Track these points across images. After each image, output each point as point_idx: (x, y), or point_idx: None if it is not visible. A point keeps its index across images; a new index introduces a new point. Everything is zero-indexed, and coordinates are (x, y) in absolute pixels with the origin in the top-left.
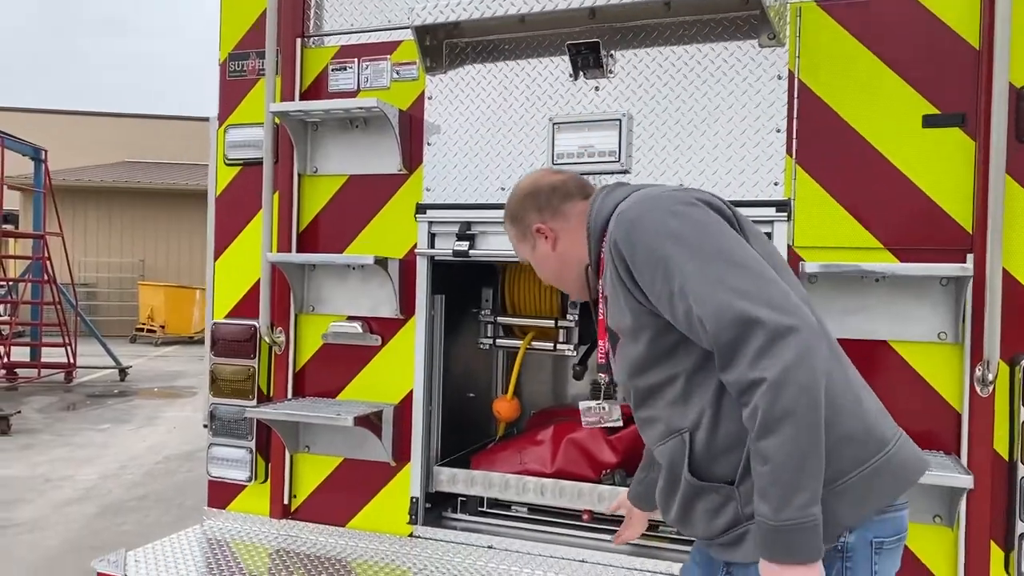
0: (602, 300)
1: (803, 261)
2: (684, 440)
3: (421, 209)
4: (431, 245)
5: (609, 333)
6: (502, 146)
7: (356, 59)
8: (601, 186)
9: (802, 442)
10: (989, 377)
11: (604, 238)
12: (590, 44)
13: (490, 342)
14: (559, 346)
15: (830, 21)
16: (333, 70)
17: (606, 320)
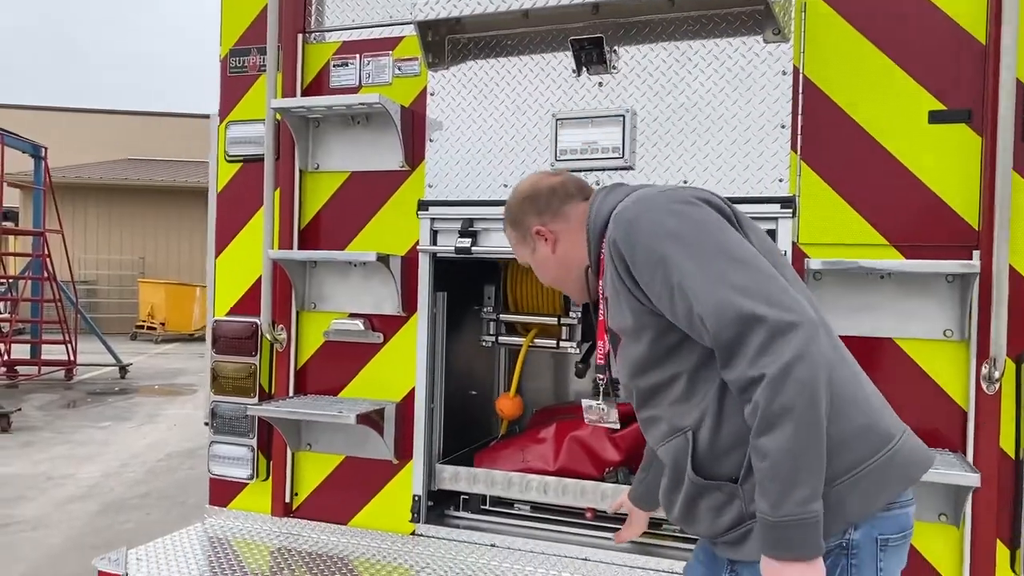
0: (602, 301)
1: (808, 258)
2: (687, 439)
3: (423, 206)
4: (433, 242)
5: (610, 334)
6: (505, 142)
7: (358, 55)
8: (600, 187)
9: (801, 438)
10: (996, 375)
11: (603, 239)
12: (593, 40)
13: (492, 339)
14: (562, 343)
15: (836, 16)
16: (335, 66)
17: (606, 321)
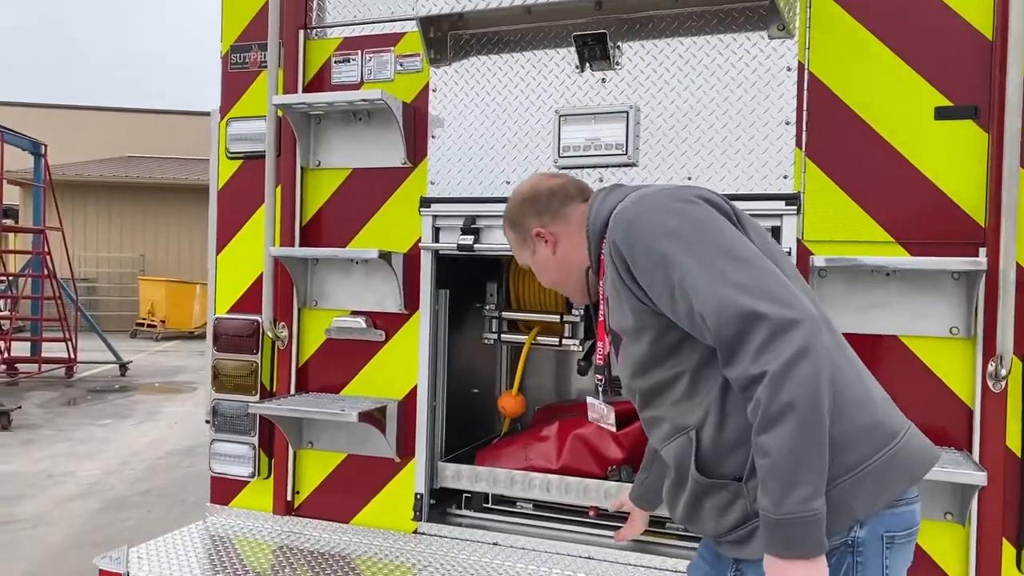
0: (603, 302)
1: (813, 255)
2: (690, 438)
3: (425, 203)
4: (435, 239)
5: (611, 334)
6: (507, 139)
7: (359, 51)
8: (599, 188)
9: (803, 435)
10: (1002, 372)
11: (603, 239)
12: (597, 35)
13: (495, 337)
14: (564, 341)
15: (841, 12)
16: (336, 62)
17: (606, 321)
